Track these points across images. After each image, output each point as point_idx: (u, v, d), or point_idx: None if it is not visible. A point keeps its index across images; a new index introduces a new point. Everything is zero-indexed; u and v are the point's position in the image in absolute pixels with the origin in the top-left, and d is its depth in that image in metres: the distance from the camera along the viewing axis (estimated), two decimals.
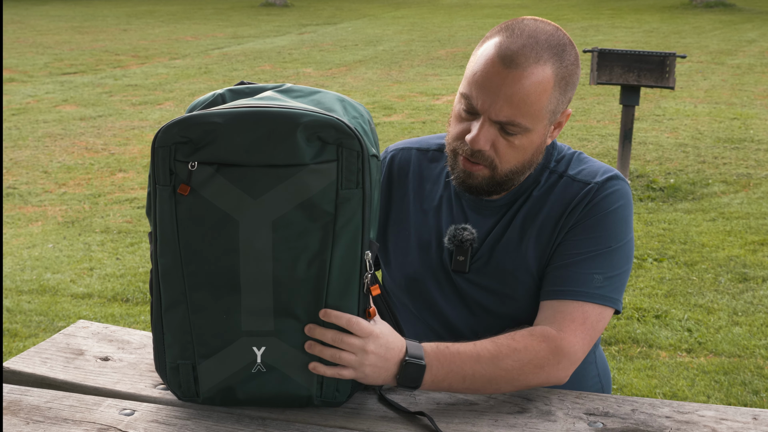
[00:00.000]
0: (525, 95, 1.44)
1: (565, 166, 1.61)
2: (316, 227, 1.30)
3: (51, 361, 1.58)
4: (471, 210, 1.63)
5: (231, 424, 1.36)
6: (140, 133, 8.11)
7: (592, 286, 1.49)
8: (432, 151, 1.71)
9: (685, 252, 4.86)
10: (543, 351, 1.43)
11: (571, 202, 1.55)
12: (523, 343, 1.43)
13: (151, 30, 16.60)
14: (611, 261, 1.52)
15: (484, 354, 1.40)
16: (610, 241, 1.52)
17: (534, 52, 1.44)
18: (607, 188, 1.55)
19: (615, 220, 1.53)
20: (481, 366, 1.40)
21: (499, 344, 1.42)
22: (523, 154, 1.52)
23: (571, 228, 1.54)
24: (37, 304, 4.30)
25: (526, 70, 1.43)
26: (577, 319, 1.47)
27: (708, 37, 14.23)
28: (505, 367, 1.41)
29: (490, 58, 1.46)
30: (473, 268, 1.61)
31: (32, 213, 5.86)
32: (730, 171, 6.53)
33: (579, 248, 1.52)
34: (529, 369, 1.42)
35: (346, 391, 1.39)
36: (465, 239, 1.60)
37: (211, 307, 1.33)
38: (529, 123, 1.47)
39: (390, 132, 7.92)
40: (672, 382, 3.42)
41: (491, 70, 1.45)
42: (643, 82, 5.82)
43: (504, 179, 1.54)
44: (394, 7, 20.78)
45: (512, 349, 1.41)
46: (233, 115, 1.29)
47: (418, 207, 1.67)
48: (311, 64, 12.14)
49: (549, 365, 1.43)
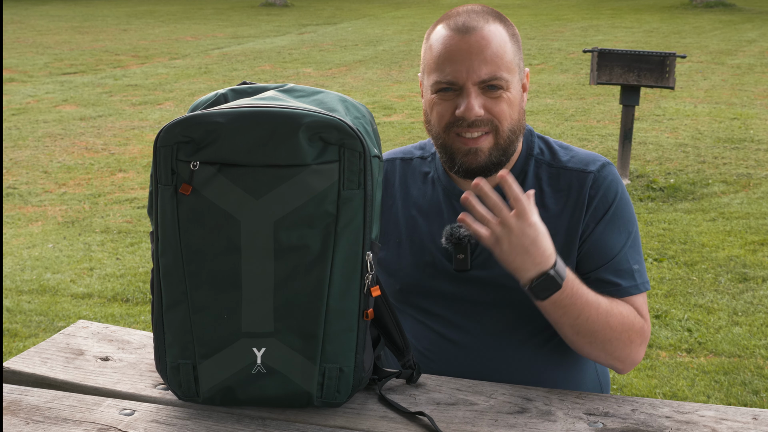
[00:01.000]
0: (494, 49, 1.52)
1: (551, 154, 1.65)
2: (317, 227, 1.30)
3: (51, 361, 1.58)
4: (462, 207, 1.62)
5: (231, 424, 1.36)
6: (140, 133, 8.11)
7: (636, 278, 1.59)
8: (415, 158, 1.73)
9: (685, 252, 4.86)
10: (638, 324, 1.55)
11: (579, 196, 1.59)
12: (627, 311, 1.54)
13: (151, 30, 16.60)
14: (636, 245, 1.62)
15: (603, 306, 1.50)
16: (629, 226, 1.61)
17: (479, 16, 1.54)
18: (605, 176, 1.61)
19: (625, 204, 1.62)
20: (596, 314, 1.49)
21: (612, 304, 1.52)
22: (512, 109, 1.55)
23: (590, 225, 1.59)
24: (37, 304, 4.30)
25: (483, 29, 1.52)
26: (645, 310, 1.60)
27: (708, 37, 14.23)
28: (611, 324, 1.51)
29: (447, 36, 1.54)
30: (475, 264, 1.61)
31: (32, 213, 5.86)
32: (730, 171, 6.53)
33: (612, 245, 1.59)
34: (625, 336, 1.53)
35: (346, 392, 1.39)
36: (462, 236, 1.60)
37: (211, 307, 1.33)
38: (506, 74, 1.53)
39: (390, 132, 7.92)
40: (672, 382, 3.43)
41: (453, 44, 1.52)
42: (643, 82, 5.83)
43: (506, 142, 1.56)
44: (394, 7, 20.79)
45: (621, 313, 1.53)
46: (235, 115, 1.29)
47: (408, 214, 1.67)
48: (311, 64, 12.14)
49: (636, 343, 1.55)
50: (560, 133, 7.78)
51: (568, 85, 10.24)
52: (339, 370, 1.36)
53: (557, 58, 12.36)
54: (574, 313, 1.48)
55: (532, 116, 8.50)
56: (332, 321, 1.34)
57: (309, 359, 1.34)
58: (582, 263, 1.59)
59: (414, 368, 1.49)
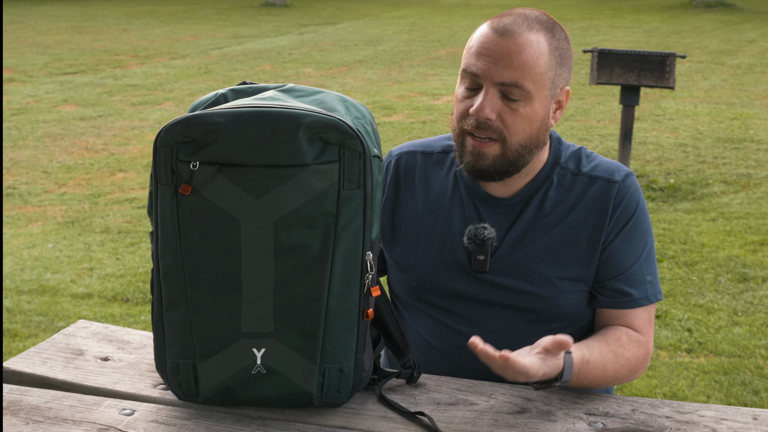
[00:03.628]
0: (524, 58, 1.49)
1: (576, 163, 1.64)
2: (317, 228, 1.30)
3: (51, 361, 1.58)
4: (485, 208, 1.63)
5: (231, 424, 1.36)
6: (140, 133, 8.11)
7: (647, 290, 1.62)
8: (437, 153, 1.71)
9: (685, 252, 4.86)
10: (641, 356, 1.59)
11: (603, 205, 1.59)
12: (631, 352, 1.57)
13: (151, 30, 16.60)
14: (651, 257, 1.64)
15: (609, 365, 1.54)
16: (646, 237, 1.62)
17: (525, 23, 1.51)
18: (629, 186, 1.61)
19: (644, 216, 1.63)
20: (603, 374, 1.53)
21: (616, 354, 1.55)
22: (529, 125, 1.53)
23: (611, 235, 1.59)
24: (37, 304, 4.30)
25: (521, 36, 1.49)
26: (651, 322, 1.63)
27: (708, 37, 14.23)
28: (615, 373, 1.55)
29: (485, 33, 1.52)
30: (494, 267, 1.61)
31: (32, 213, 5.86)
32: (730, 171, 6.53)
33: (628, 256, 1.60)
34: (630, 373, 1.58)
35: (346, 392, 1.39)
36: (486, 238, 1.60)
37: (211, 307, 1.33)
38: (530, 86, 1.50)
39: (390, 132, 7.92)
40: (672, 382, 3.43)
41: (487, 41, 1.51)
42: (643, 82, 5.82)
43: (515, 156, 1.54)
44: (394, 7, 20.78)
45: (625, 358, 1.56)
46: (235, 115, 1.29)
47: (427, 209, 1.67)
48: (311, 64, 12.14)
49: (642, 368, 1.61)
50: (560, 133, 7.72)
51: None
52: (339, 370, 1.36)
53: None
54: (584, 384, 1.52)
55: None
56: (332, 321, 1.34)
57: (309, 359, 1.34)
58: (598, 271, 1.61)
59: (414, 368, 1.49)
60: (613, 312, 1.63)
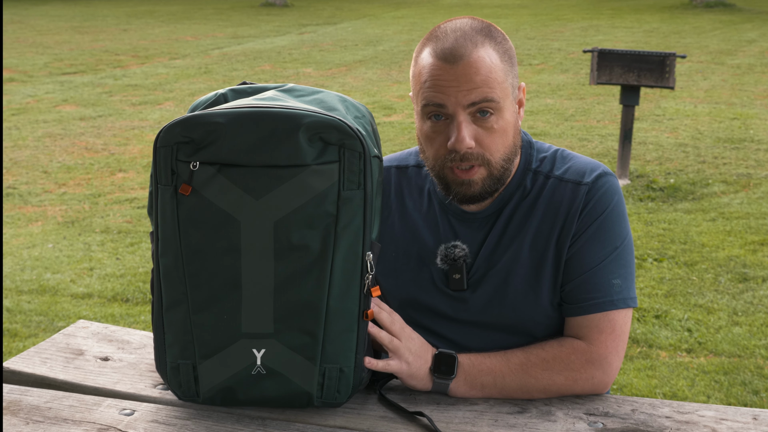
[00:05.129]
0: (482, 75, 1.45)
1: (550, 165, 1.59)
2: (317, 228, 1.30)
3: (51, 361, 1.58)
4: (459, 223, 1.59)
5: (231, 424, 1.36)
6: (140, 133, 8.11)
7: (613, 293, 1.51)
8: (411, 167, 1.68)
9: (685, 252, 4.86)
10: (574, 362, 1.49)
11: (570, 209, 1.54)
12: (552, 353, 1.49)
13: (151, 30, 16.60)
14: (622, 260, 1.54)
15: (513, 359, 1.48)
16: (616, 240, 1.53)
17: (468, 40, 1.47)
18: (600, 187, 1.54)
19: (615, 218, 1.54)
20: (509, 369, 1.48)
21: (528, 352, 1.50)
22: (505, 137, 1.50)
23: (575, 237, 1.53)
24: (37, 304, 4.30)
25: (471, 55, 1.45)
26: (606, 329, 1.51)
27: (708, 37, 14.23)
28: (534, 374, 1.48)
29: (433, 64, 1.47)
30: (471, 283, 1.57)
31: (32, 213, 5.86)
32: (730, 171, 6.53)
33: (591, 258, 1.52)
34: (560, 379, 1.48)
35: (346, 392, 1.39)
36: (457, 257, 1.57)
37: (211, 307, 1.33)
38: (498, 96, 1.46)
39: (390, 132, 7.92)
40: (672, 382, 3.43)
41: (440, 71, 1.46)
42: (643, 82, 5.83)
43: (500, 171, 1.51)
44: (394, 7, 20.79)
45: (541, 358, 1.49)
46: (235, 115, 1.29)
47: (404, 226, 1.63)
48: (311, 64, 12.14)
49: (582, 378, 1.49)
50: (560, 133, 7.79)
51: (568, 85, 10.24)
52: (339, 370, 1.36)
53: (557, 58, 12.36)
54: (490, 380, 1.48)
55: (532, 116, 8.51)
56: (332, 321, 1.34)
57: (309, 359, 1.34)
58: (564, 275, 1.54)
59: None
60: (571, 320, 1.54)
